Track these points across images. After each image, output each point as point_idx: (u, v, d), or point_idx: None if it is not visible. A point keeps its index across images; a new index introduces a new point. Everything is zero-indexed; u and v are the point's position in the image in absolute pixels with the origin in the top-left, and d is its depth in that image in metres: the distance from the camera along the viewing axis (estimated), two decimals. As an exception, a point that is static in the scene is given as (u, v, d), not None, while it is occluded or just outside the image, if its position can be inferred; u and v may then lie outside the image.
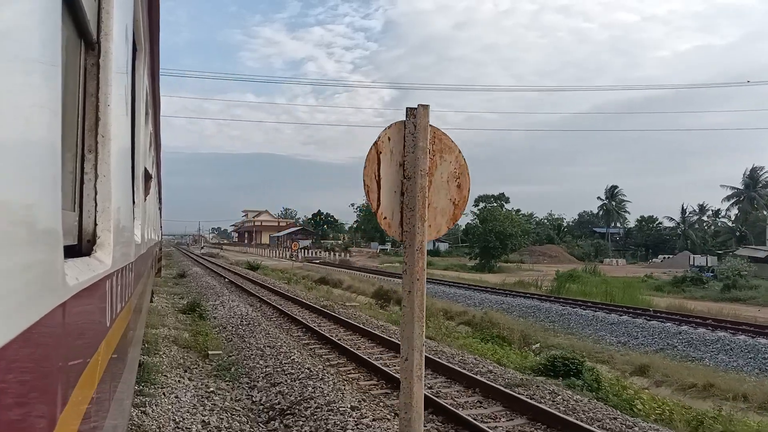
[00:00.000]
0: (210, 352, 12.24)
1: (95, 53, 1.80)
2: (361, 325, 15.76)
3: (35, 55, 0.91)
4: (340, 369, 10.93)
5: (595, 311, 22.81)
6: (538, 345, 17.18)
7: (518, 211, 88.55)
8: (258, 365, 11.03)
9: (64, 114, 1.17)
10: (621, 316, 21.58)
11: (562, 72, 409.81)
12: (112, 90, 1.85)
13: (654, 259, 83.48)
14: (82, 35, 1.69)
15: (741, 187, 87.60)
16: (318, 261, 64.07)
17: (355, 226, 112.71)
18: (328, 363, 11.40)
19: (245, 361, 11.49)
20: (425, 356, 11.22)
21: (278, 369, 10.54)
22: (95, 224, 1.79)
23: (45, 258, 0.97)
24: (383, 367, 10.48)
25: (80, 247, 1.74)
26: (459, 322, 21.87)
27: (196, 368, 10.92)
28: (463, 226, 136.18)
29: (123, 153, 2.22)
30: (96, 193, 1.78)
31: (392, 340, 13.20)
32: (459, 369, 10.48)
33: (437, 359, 11.17)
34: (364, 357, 11.39)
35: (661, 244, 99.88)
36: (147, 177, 4.93)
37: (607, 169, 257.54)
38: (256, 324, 15.92)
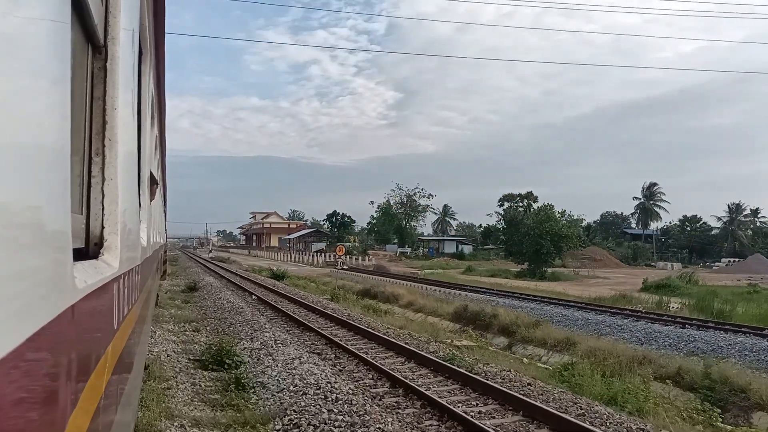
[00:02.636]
0: None
1: (102, 57, 1.81)
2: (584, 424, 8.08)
3: (45, 59, 0.92)
4: None
5: None
6: None
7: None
8: None
9: (72, 117, 1.16)
10: None
11: (564, 74, 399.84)
12: (119, 93, 1.86)
13: (717, 263, 74.39)
14: (90, 39, 1.70)
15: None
16: (345, 266, 54.97)
17: (368, 227, 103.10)
18: None
19: None
20: None
21: None
22: (102, 227, 1.79)
23: (55, 261, 0.98)
24: None
25: (87, 250, 1.73)
26: (654, 377, 12.92)
27: None
28: (480, 227, 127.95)
29: (129, 156, 2.23)
30: (103, 197, 1.78)
31: None
32: None
33: None
34: None
35: (707, 245, 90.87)
36: (152, 180, 4.89)
37: (611, 171, 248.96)
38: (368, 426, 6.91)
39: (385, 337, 14.43)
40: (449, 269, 63.09)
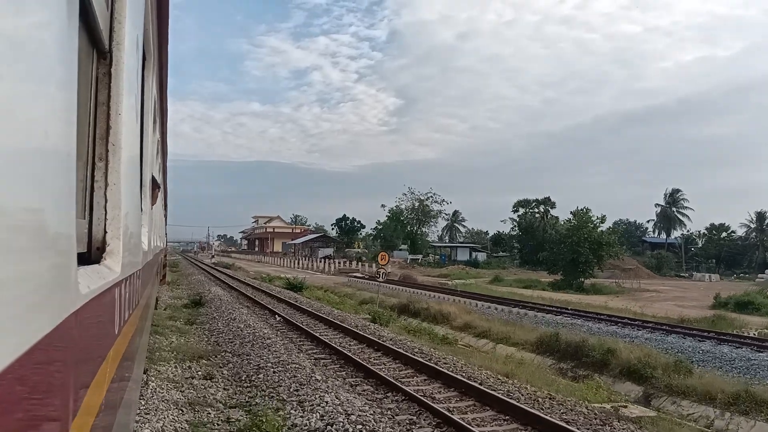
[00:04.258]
0: None
1: (107, 62, 1.79)
2: None
3: (52, 65, 0.91)
4: None
5: None
6: None
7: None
8: None
9: (77, 122, 1.14)
10: None
11: (564, 83, 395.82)
12: (123, 99, 1.83)
13: (761, 275, 68.66)
14: (95, 45, 1.68)
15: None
16: (366, 275, 49.66)
17: (373, 232, 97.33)
18: None
19: None
20: None
21: None
22: (105, 232, 1.77)
23: (60, 266, 0.97)
24: None
25: (90, 255, 1.71)
26: None
27: None
28: (487, 233, 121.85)
29: (132, 161, 2.21)
30: (106, 201, 1.76)
31: None
32: None
33: None
34: None
35: (738, 255, 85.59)
36: (154, 184, 4.71)
37: (611, 179, 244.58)
38: None
39: (516, 404, 8.94)
40: (474, 278, 57.31)
